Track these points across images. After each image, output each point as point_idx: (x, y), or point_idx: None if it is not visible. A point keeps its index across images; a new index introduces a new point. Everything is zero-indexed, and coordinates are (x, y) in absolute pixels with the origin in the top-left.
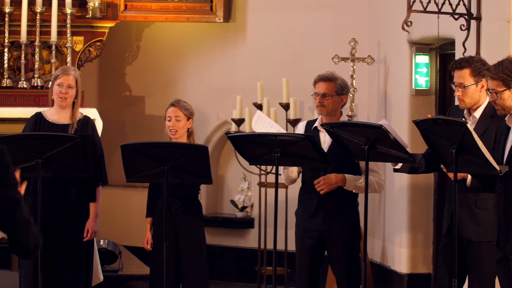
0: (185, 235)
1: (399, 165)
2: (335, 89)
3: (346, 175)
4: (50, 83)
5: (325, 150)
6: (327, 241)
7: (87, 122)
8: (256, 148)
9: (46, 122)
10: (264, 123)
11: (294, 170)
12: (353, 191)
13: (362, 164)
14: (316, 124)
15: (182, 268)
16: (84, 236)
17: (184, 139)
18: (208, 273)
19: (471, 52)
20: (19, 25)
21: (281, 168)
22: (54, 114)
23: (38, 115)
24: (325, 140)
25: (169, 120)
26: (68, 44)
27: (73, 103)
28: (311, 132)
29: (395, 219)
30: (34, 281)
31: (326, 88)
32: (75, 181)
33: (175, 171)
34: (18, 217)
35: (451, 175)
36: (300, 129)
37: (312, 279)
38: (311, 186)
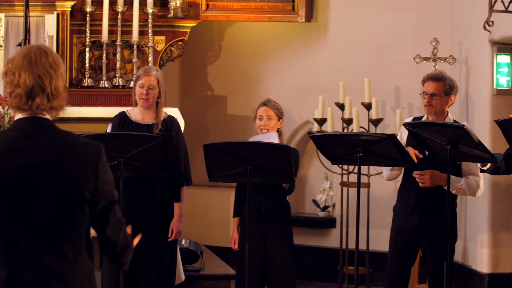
0: (273, 235)
1: (488, 166)
2: (444, 89)
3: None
4: (133, 83)
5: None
6: (421, 240)
7: (171, 122)
8: (339, 148)
9: (130, 122)
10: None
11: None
12: (453, 192)
13: (463, 166)
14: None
15: (268, 269)
16: (169, 236)
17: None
18: (295, 275)
19: None
20: (100, 25)
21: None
22: (138, 114)
23: (122, 115)
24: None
25: (260, 119)
26: (150, 44)
27: (157, 102)
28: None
29: (477, 219)
30: (116, 280)
31: (435, 88)
32: (161, 181)
33: (257, 170)
34: (112, 214)
35: None
36: (403, 130)
37: (402, 277)
38: (411, 184)
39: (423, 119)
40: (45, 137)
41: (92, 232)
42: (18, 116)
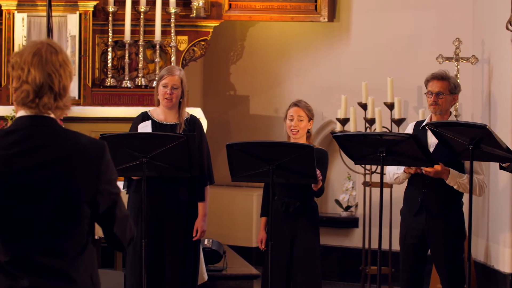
0: (301, 236)
1: (507, 164)
2: (448, 88)
3: (450, 169)
4: (155, 82)
5: (432, 150)
6: (429, 240)
7: (194, 122)
8: (362, 148)
9: (153, 122)
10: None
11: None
12: (454, 187)
13: (466, 165)
14: (424, 124)
15: (294, 269)
16: (193, 235)
17: (303, 140)
18: (321, 276)
19: None
20: (123, 25)
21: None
22: (161, 114)
23: (145, 115)
24: (433, 140)
25: (290, 120)
26: (172, 44)
27: (180, 102)
28: (419, 132)
29: (499, 219)
30: (139, 280)
31: (440, 87)
32: (186, 181)
33: (280, 170)
34: (117, 212)
35: None
36: (409, 129)
37: (416, 278)
38: (416, 185)
39: (426, 120)
40: (48, 137)
41: (100, 233)
42: (21, 113)
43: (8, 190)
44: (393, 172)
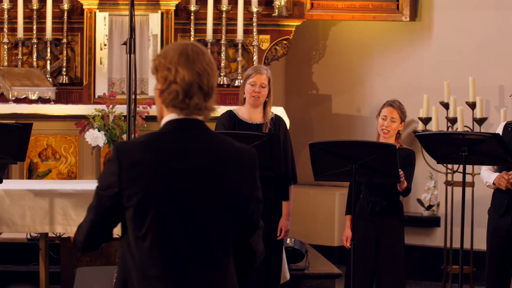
0: (386, 235)
1: None
2: None
3: None
4: (242, 81)
5: None
6: None
7: (279, 121)
8: (444, 147)
9: (240, 121)
10: None
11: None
12: None
13: None
14: None
15: (378, 268)
16: (278, 234)
17: (392, 140)
18: (405, 276)
19: None
20: (205, 24)
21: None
22: (246, 113)
23: (231, 114)
24: None
25: (383, 119)
26: (255, 43)
27: (265, 102)
28: (509, 132)
29: None
30: None
31: None
32: (272, 180)
33: (363, 169)
34: (260, 221)
35: None
36: (499, 129)
37: (501, 278)
38: None
39: None
40: (202, 141)
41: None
42: (172, 116)
43: (165, 194)
44: (485, 180)
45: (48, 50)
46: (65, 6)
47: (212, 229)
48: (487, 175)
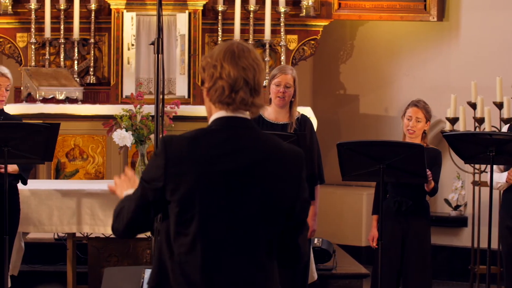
0: (413, 235)
1: None
2: None
3: None
4: (267, 82)
5: None
6: None
7: (305, 121)
8: (471, 147)
9: (265, 121)
10: None
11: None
12: None
13: None
14: None
15: (405, 267)
16: None
17: (418, 140)
18: (431, 275)
19: None
20: (232, 24)
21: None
22: (272, 114)
23: None
24: None
25: (409, 119)
26: (282, 43)
27: (291, 102)
28: None
29: None
30: None
31: None
32: None
33: (390, 169)
34: (306, 222)
35: None
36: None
37: None
38: None
39: None
40: (250, 139)
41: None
42: (220, 113)
43: (212, 192)
44: (496, 181)
45: (76, 50)
46: (93, 6)
47: (255, 229)
48: (497, 176)
